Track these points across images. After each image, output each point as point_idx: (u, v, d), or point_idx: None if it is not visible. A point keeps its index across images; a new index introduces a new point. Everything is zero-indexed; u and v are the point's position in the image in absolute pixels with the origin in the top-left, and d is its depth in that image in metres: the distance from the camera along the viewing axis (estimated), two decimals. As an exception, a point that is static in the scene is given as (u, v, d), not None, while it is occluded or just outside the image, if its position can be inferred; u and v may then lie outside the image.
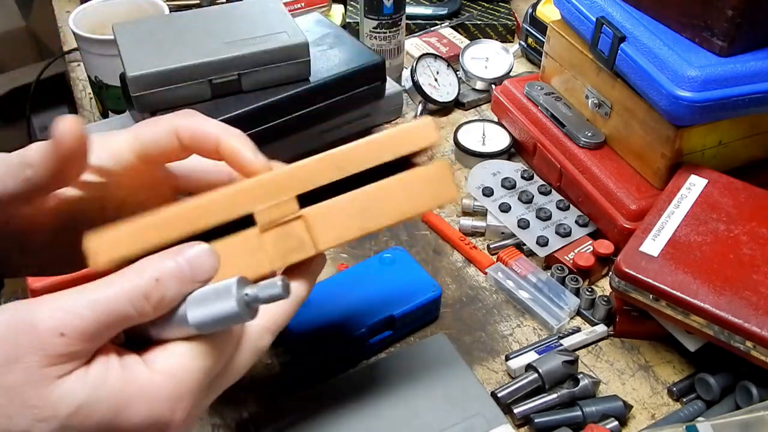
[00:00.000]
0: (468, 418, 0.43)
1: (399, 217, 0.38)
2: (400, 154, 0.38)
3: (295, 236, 0.37)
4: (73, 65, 0.97)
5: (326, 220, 0.37)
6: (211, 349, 0.34)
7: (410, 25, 0.98)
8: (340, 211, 0.37)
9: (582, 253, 0.63)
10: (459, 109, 0.87)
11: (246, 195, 0.37)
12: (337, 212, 0.37)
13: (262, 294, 0.33)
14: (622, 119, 0.66)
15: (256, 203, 0.37)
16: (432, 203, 0.39)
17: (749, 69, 0.56)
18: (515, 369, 0.55)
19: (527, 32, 0.92)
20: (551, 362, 0.54)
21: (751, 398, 0.51)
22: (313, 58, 0.64)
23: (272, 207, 0.37)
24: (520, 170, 0.73)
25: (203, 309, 0.33)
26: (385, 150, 0.38)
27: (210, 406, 0.54)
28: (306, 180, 0.37)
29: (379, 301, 0.57)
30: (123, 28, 0.64)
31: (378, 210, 0.37)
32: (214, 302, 0.33)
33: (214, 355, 0.35)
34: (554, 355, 0.54)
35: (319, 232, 0.37)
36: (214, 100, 0.62)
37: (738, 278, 0.52)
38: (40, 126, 1.96)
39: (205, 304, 0.33)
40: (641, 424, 0.53)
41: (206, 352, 0.34)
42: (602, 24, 0.63)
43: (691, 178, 0.61)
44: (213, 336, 0.35)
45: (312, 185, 0.37)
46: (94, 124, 0.70)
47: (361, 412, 0.44)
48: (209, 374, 0.35)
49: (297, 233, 0.37)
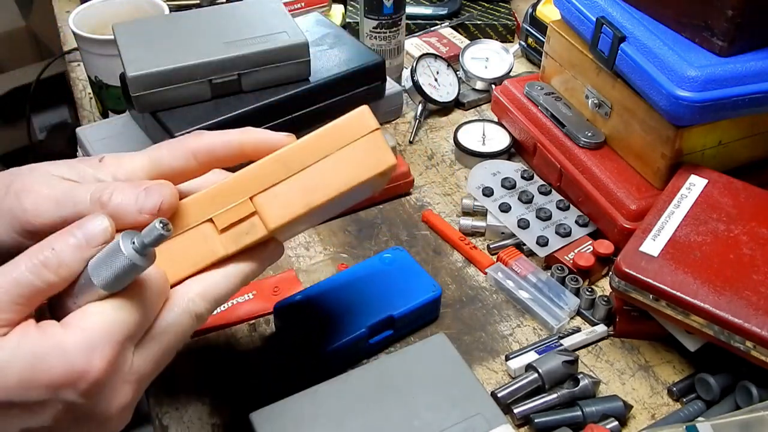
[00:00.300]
0: (468, 418, 0.43)
1: (340, 188, 0.41)
2: (341, 147, 0.41)
3: (246, 221, 0.41)
4: (73, 65, 0.97)
5: (273, 203, 0.40)
6: (120, 301, 0.37)
7: (410, 25, 0.98)
8: (285, 192, 0.40)
9: (582, 253, 0.63)
10: (459, 109, 0.87)
11: (204, 203, 0.40)
12: (283, 194, 0.40)
13: (147, 239, 0.35)
14: (622, 119, 0.66)
15: (214, 209, 0.41)
16: (370, 171, 0.41)
17: (749, 69, 0.56)
18: (515, 369, 0.55)
19: (527, 32, 0.92)
20: (551, 362, 0.54)
21: (751, 398, 0.51)
22: (313, 58, 0.64)
23: (228, 211, 0.40)
24: (520, 170, 0.73)
25: (103, 269, 0.36)
26: (326, 145, 0.41)
27: (210, 406, 0.54)
28: (257, 182, 0.40)
29: (379, 301, 0.57)
30: (123, 28, 0.64)
31: (320, 185, 0.40)
32: (109, 260, 0.36)
33: (126, 307, 0.37)
34: (554, 355, 0.54)
35: (268, 214, 0.40)
36: (214, 100, 0.62)
37: (738, 278, 0.52)
38: (40, 126, 1.96)
39: (103, 265, 0.36)
40: (641, 424, 0.53)
41: (116, 304, 0.37)
42: (602, 24, 0.63)
43: (691, 178, 0.61)
44: (122, 291, 0.37)
45: (263, 187, 0.40)
46: (94, 124, 0.70)
47: (361, 412, 0.44)
48: (125, 324, 0.37)
49: (250, 220, 0.41)
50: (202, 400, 0.55)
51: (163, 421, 0.53)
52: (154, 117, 0.61)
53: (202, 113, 0.60)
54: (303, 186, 0.40)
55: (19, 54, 1.91)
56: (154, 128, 0.62)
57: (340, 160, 0.41)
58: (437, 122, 0.85)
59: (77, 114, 0.91)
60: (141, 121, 0.66)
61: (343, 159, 0.41)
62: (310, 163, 0.41)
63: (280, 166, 0.41)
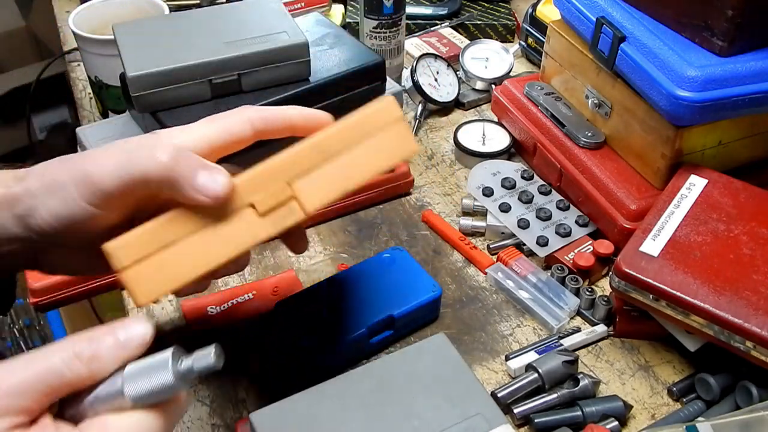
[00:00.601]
0: (468, 418, 0.43)
1: (371, 173, 0.43)
2: (371, 135, 0.43)
3: (285, 206, 0.42)
4: (73, 65, 0.97)
5: (311, 187, 0.42)
6: (146, 421, 0.34)
7: (410, 25, 0.98)
8: (322, 177, 0.42)
9: (582, 253, 0.63)
10: (459, 109, 0.87)
11: (245, 188, 0.41)
12: (320, 179, 0.42)
13: (197, 365, 0.34)
14: (622, 119, 0.66)
15: (254, 193, 0.41)
16: (397, 157, 0.44)
17: (749, 69, 0.56)
18: (515, 369, 0.55)
19: (527, 32, 0.92)
20: (551, 362, 0.54)
21: (751, 398, 0.51)
22: (313, 58, 0.64)
23: (268, 195, 0.41)
24: (520, 170, 0.73)
25: (140, 382, 0.34)
26: (358, 133, 0.43)
27: (210, 406, 0.54)
28: (295, 167, 0.42)
29: (379, 301, 0.57)
30: (123, 28, 0.64)
31: (353, 171, 0.43)
32: (150, 375, 0.34)
33: (150, 428, 0.35)
34: (554, 355, 0.54)
35: (306, 199, 0.42)
36: (214, 100, 0.62)
37: (738, 278, 0.52)
38: (40, 126, 1.96)
39: (141, 378, 0.34)
40: (641, 424, 0.53)
41: (141, 425, 0.34)
42: (602, 24, 0.63)
43: (691, 178, 0.61)
44: (147, 407, 0.35)
45: (301, 171, 0.42)
46: (94, 124, 0.70)
47: (361, 412, 0.44)
48: None
49: (288, 204, 0.42)
50: (202, 400, 0.55)
51: (163, 421, 0.53)
52: (154, 117, 0.61)
53: (202, 113, 0.60)
54: (338, 172, 0.42)
55: (19, 54, 1.91)
56: (154, 128, 0.62)
57: (370, 147, 0.43)
58: (437, 122, 0.85)
59: (77, 114, 0.91)
60: (141, 121, 0.66)
61: (373, 146, 0.43)
62: (344, 150, 0.43)
63: (317, 152, 0.42)
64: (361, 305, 0.57)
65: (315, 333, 0.55)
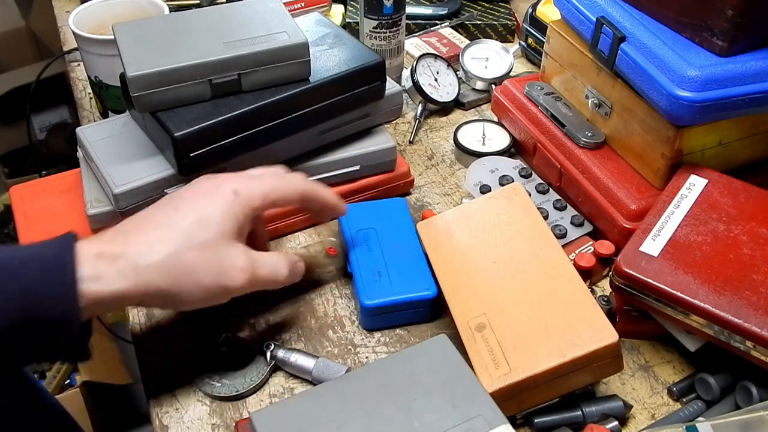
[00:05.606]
0: (468, 419, 0.43)
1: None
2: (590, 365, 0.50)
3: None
4: (73, 65, 0.97)
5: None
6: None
7: (410, 25, 0.98)
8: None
9: (583, 254, 0.63)
10: (459, 109, 0.87)
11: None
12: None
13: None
14: (622, 119, 0.66)
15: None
16: (604, 376, 0.52)
17: (749, 69, 0.56)
18: (515, 369, 0.55)
19: (527, 32, 0.92)
20: (551, 362, 0.53)
21: (751, 398, 0.51)
22: (313, 58, 0.64)
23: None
24: (518, 167, 0.73)
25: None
26: (579, 367, 0.49)
27: (210, 406, 0.54)
28: (529, 393, 0.50)
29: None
30: (123, 28, 0.64)
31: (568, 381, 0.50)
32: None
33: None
34: (554, 355, 0.54)
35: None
36: (213, 100, 0.62)
37: (738, 278, 0.52)
38: (40, 126, 1.96)
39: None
40: (641, 424, 0.53)
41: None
42: (602, 24, 0.63)
43: (691, 178, 0.61)
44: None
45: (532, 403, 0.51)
46: (94, 124, 0.70)
47: (361, 413, 0.44)
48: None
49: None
50: (202, 401, 0.55)
51: (163, 421, 0.53)
52: (154, 117, 0.61)
53: (202, 113, 0.60)
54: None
55: (19, 54, 1.91)
56: (154, 128, 0.62)
57: (589, 370, 0.50)
58: (437, 122, 0.85)
59: (77, 114, 0.91)
60: (141, 121, 0.66)
61: (591, 370, 0.50)
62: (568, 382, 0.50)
63: (545, 380, 0.49)
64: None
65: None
